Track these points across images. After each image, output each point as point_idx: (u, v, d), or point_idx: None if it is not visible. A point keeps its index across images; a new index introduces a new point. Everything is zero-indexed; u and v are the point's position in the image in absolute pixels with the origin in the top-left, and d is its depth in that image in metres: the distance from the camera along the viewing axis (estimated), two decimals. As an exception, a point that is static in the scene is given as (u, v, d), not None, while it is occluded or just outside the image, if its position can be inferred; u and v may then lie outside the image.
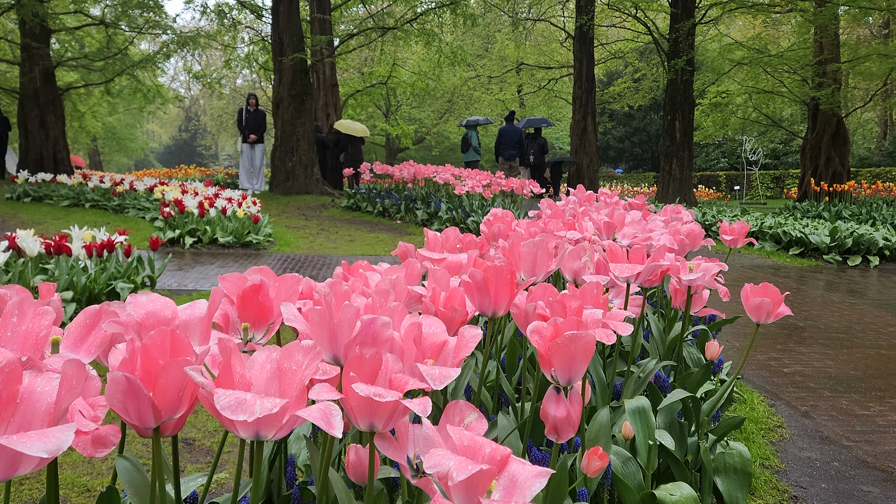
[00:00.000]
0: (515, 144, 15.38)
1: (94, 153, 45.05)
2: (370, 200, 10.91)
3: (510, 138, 15.41)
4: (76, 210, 10.01)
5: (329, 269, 6.10)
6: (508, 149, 15.35)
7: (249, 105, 13.59)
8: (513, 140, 15.41)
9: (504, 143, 15.41)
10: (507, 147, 15.36)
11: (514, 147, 15.35)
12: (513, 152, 15.39)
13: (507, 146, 15.37)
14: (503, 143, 15.45)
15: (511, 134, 15.53)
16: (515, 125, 16.29)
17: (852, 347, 4.03)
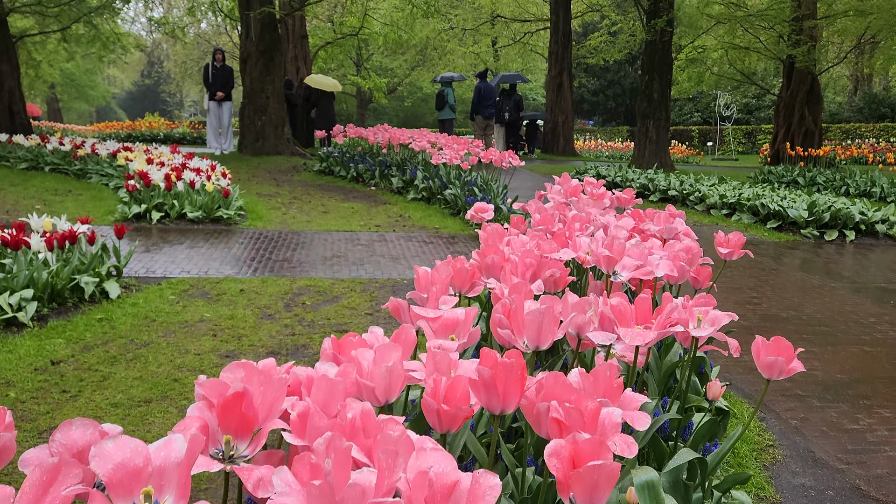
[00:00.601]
0: (492, 103, 15.17)
1: (53, 101, 43.48)
2: (343, 165, 10.65)
3: (488, 96, 15.17)
4: (35, 174, 9.61)
5: (304, 249, 5.91)
6: (487, 107, 15.16)
7: (216, 61, 13.07)
8: (491, 98, 15.22)
9: (482, 102, 15.18)
10: (485, 105, 15.15)
11: (493, 105, 15.16)
12: (492, 111, 15.26)
13: (485, 104, 15.16)
14: (481, 101, 15.20)
15: (489, 92, 15.31)
16: (490, 82, 15.98)
17: (836, 344, 4.00)
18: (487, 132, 15.65)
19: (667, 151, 14.31)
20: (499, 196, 7.31)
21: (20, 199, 7.67)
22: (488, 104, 15.20)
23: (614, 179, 10.62)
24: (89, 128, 25.49)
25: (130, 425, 2.70)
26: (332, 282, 4.89)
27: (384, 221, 7.42)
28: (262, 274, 5.02)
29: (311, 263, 5.40)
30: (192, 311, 4.12)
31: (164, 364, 3.31)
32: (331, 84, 17.47)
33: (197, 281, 4.76)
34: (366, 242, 6.27)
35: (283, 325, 3.96)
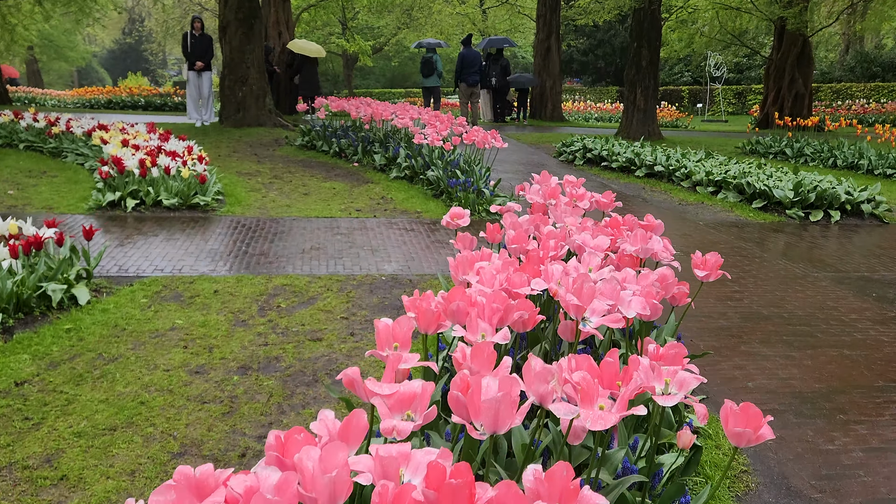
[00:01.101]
0: (477, 69, 15.03)
1: (32, 62, 42.53)
2: (326, 139, 10.46)
3: (472, 63, 15.01)
4: (10, 152, 9.39)
5: (281, 240, 5.80)
6: (471, 74, 15.02)
7: (194, 29, 12.73)
8: (475, 65, 15.06)
9: (466, 69, 15.01)
10: (469, 73, 15.00)
11: (477, 72, 15.02)
12: (475, 78, 15.11)
13: (469, 71, 15.01)
14: (465, 67, 15.01)
15: (473, 58, 15.15)
16: (474, 49, 15.71)
17: (816, 347, 3.97)
18: (473, 99, 15.47)
19: (654, 120, 14.15)
20: (482, 179, 7.20)
21: (-8, 183, 7.50)
22: (472, 71, 15.05)
23: (601, 153, 10.50)
24: (69, 93, 24.98)
25: (93, 458, 2.64)
26: (309, 280, 4.81)
27: (365, 205, 7.30)
28: (238, 271, 4.93)
29: (289, 257, 5.30)
30: (164, 318, 4.04)
31: (131, 383, 3.24)
32: (314, 49, 17.11)
33: (170, 280, 4.66)
34: (345, 231, 6.16)
35: (257, 332, 3.89)
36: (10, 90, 22.17)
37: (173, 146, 7.41)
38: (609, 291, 2.31)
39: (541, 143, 13.50)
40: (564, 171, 10.27)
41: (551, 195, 4.05)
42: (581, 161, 10.77)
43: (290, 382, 3.32)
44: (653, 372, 1.82)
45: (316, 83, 17.53)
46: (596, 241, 2.97)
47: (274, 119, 13.12)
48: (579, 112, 29.16)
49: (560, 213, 3.63)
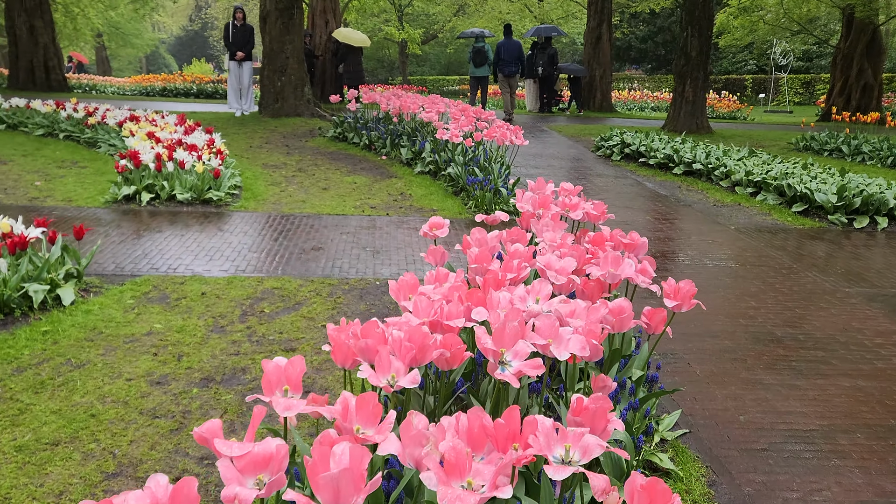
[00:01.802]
0: (516, 60, 14.82)
1: (101, 49, 43.96)
2: (357, 131, 10.37)
3: (510, 53, 14.81)
4: (49, 141, 9.60)
5: (285, 238, 5.71)
6: (509, 65, 14.80)
7: (235, 19, 12.79)
8: (513, 55, 14.83)
9: (504, 59, 14.81)
10: (507, 63, 14.80)
11: (515, 62, 14.79)
12: (513, 68, 14.87)
13: (507, 62, 14.81)
14: (503, 58, 14.83)
15: (511, 48, 14.90)
16: (515, 39, 15.44)
17: (827, 376, 3.64)
18: (512, 89, 15.27)
19: (703, 112, 13.58)
20: (500, 178, 6.96)
21: (24, 174, 7.64)
22: (511, 60, 14.76)
23: (638, 149, 10.10)
24: (128, 80, 25.62)
25: (25, 476, 2.57)
26: (301, 283, 4.70)
27: (382, 201, 7.16)
28: (231, 272, 4.85)
29: (287, 258, 5.20)
30: (144, 321, 3.98)
31: (89, 392, 3.18)
32: (359, 39, 17.07)
33: (162, 280, 4.62)
34: (353, 230, 6.04)
35: (232, 340, 3.80)
36: (72, 77, 22.85)
37: (195, 139, 7.41)
38: (546, 328, 2.10)
39: (582, 136, 13.12)
40: (599, 166, 9.93)
41: (542, 204, 3.82)
42: (618, 156, 10.40)
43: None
44: (556, 434, 1.61)
45: (360, 72, 17.49)
46: (562, 263, 2.75)
47: (312, 109, 13.11)
48: (635, 102, 28.38)
49: (541, 226, 3.40)
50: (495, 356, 1.91)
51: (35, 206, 6.32)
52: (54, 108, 10.04)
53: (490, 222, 3.75)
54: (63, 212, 6.18)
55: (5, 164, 8.14)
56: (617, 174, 9.41)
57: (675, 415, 3.11)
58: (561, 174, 9.13)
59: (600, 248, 3.18)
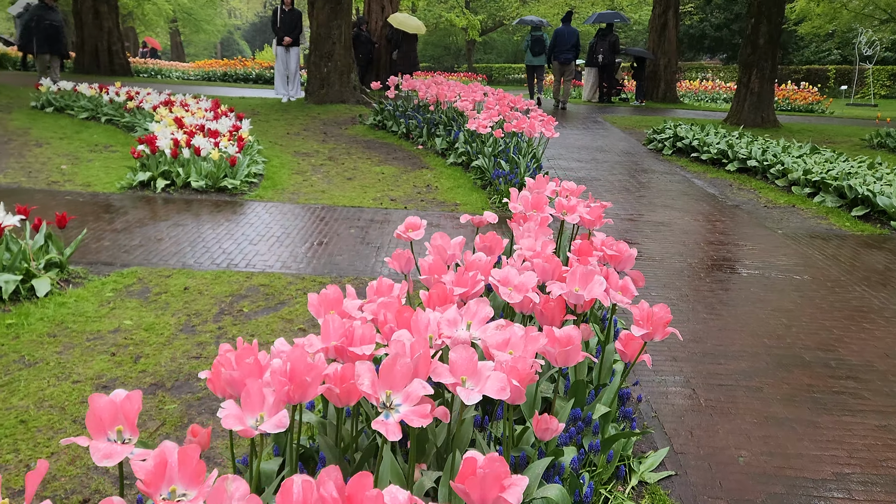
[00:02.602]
0: (572, 47, 14.68)
1: (175, 34, 45.15)
2: (395, 119, 10.10)
3: (566, 40, 14.68)
4: (91, 124, 9.68)
5: (291, 231, 5.48)
6: (564, 52, 14.66)
7: (284, 4, 12.68)
8: (569, 42, 14.69)
9: (560, 46, 14.67)
10: (562, 50, 14.66)
11: (571, 50, 14.66)
12: (569, 56, 14.71)
13: (562, 49, 14.66)
14: (559, 45, 14.69)
15: (568, 36, 14.75)
16: (573, 26, 15.22)
17: (855, 412, 3.15)
18: (566, 77, 15.05)
19: (770, 105, 12.73)
20: (527, 172, 6.56)
21: (54, 157, 7.68)
22: (567, 48, 14.60)
23: (691, 143, 9.48)
24: (192, 65, 26.09)
25: (-72, 489, 2.39)
26: (291, 280, 4.45)
27: (405, 193, 6.87)
28: (222, 266, 4.64)
29: (284, 253, 4.97)
30: (116, 317, 3.80)
31: (30, 395, 3.00)
32: (414, 25, 16.79)
33: (148, 273, 4.45)
34: (363, 224, 5.76)
35: (198, 342, 3.57)
36: (139, 62, 23.39)
37: (221, 125, 7.28)
38: (463, 363, 1.76)
39: (637, 129, 12.50)
40: (648, 160, 9.37)
41: (536, 205, 3.44)
42: (670, 150, 9.80)
43: (196, 408, 2.97)
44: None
45: (414, 59, 17.19)
46: (521, 278, 2.38)
47: (357, 96, 12.91)
48: (706, 92, 27.22)
49: (522, 231, 3.03)
50: (372, 397, 1.58)
51: (51, 190, 6.29)
52: (98, 92, 10.13)
53: (476, 224, 3.40)
54: (76, 197, 6.13)
55: (40, 146, 8.22)
56: (665, 170, 8.84)
57: (662, 452, 2.71)
58: (602, 169, 8.64)
59: (585, 258, 2.79)
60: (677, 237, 5.86)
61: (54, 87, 10.56)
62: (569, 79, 15.10)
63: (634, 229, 6.00)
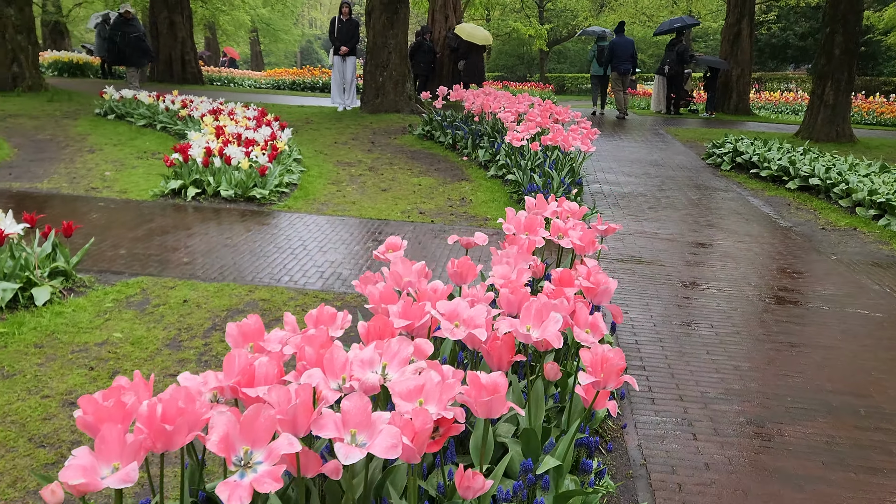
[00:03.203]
0: (629, 57, 14.64)
1: (255, 43, 46.49)
2: (443, 130, 9.96)
3: (623, 51, 14.62)
4: (147, 132, 9.93)
5: (308, 242, 5.38)
6: (623, 62, 14.61)
7: (342, 14, 12.76)
8: (627, 53, 14.62)
9: (618, 57, 14.60)
10: (621, 61, 14.60)
11: (628, 60, 14.63)
12: (627, 66, 14.68)
13: (620, 60, 14.61)
14: (616, 56, 14.62)
15: (624, 47, 14.68)
16: (628, 36, 15.16)
17: (877, 472, 2.76)
18: (625, 87, 14.98)
19: (846, 119, 11.96)
20: (562, 187, 6.27)
21: (102, 163, 7.88)
22: (624, 58, 14.50)
23: (751, 158, 8.95)
24: (263, 74, 26.72)
25: None
26: (293, 295, 4.33)
27: (436, 206, 6.69)
28: (228, 278, 4.57)
29: (292, 266, 4.86)
30: (108, 329, 3.76)
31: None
32: (482, 36, 16.71)
33: (153, 284, 4.41)
34: (383, 238, 5.61)
35: (180, 358, 3.48)
36: (214, 71, 24.10)
37: (259, 135, 7.30)
38: (356, 413, 1.57)
39: (700, 142, 11.95)
40: (703, 176, 8.90)
41: (529, 227, 3.21)
42: (728, 166, 9.29)
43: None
44: None
45: (480, 70, 17.07)
46: (472, 311, 2.16)
47: (412, 105, 12.85)
48: (787, 104, 26.02)
49: (500, 256, 2.81)
50: (229, 458, 1.39)
51: (87, 197, 6.41)
52: (155, 100, 10.39)
53: (465, 245, 3.19)
54: (108, 203, 6.22)
55: (93, 152, 8.45)
56: (720, 186, 8.37)
57: (639, 511, 2.43)
58: (651, 184, 8.24)
59: (563, 290, 2.55)
60: (715, 260, 5.47)
61: (116, 94, 10.90)
62: (625, 89, 15.03)
63: (669, 250, 5.64)
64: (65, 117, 10.78)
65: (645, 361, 3.65)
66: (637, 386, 2.48)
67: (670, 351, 3.80)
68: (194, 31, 38.55)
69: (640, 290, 4.73)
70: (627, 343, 3.86)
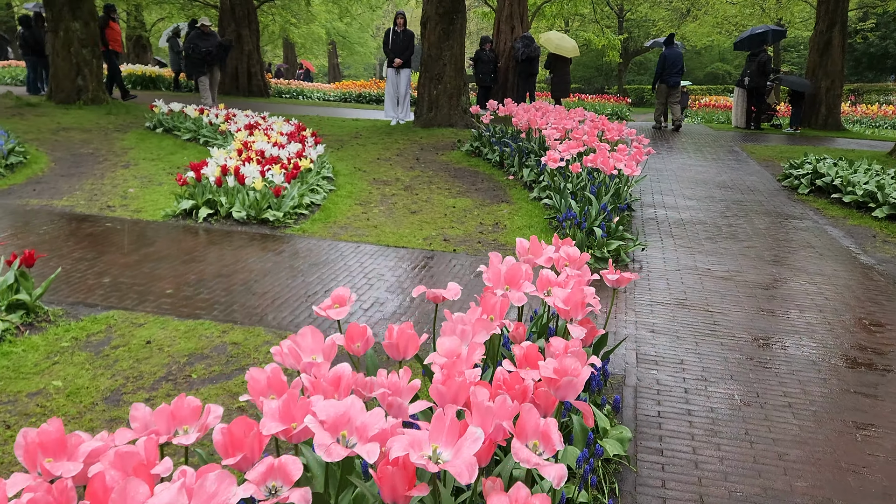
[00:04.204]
0: (679, 70, 14.30)
1: (333, 55, 47.12)
2: (491, 146, 9.38)
3: (674, 63, 14.24)
4: (190, 146, 9.75)
5: (309, 274, 4.89)
6: (673, 75, 14.25)
7: (396, 25, 12.36)
8: (678, 65, 14.27)
9: (668, 69, 14.28)
10: (671, 73, 14.25)
11: (679, 73, 14.31)
12: (677, 78, 14.34)
13: (671, 72, 14.26)
14: (667, 68, 14.29)
15: (676, 58, 14.29)
16: (678, 49, 14.67)
17: None
18: (671, 100, 14.57)
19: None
20: (601, 215, 5.57)
21: (131, 179, 7.67)
22: (674, 71, 14.15)
23: (833, 181, 7.96)
24: (332, 86, 26.79)
25: None
26: (269, 338, 3.83)
27: (464, 232, 6.11)
28: (203, 315, 4.11)
29: (282, 303, 4.37)
30: (49, 375, 3.35)
31: None
32: (570, 48, 16.15)
33: (122, 320, 4.00)
34: (389, 269, 5.06)
35: (111, 418, 3.02)
36: (283, 83, 24.25)
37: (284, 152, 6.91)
38: None
39: (777, 160, 10.90)
40: (776, 201, 7.97)
41: (510, 280, 2.60)
42: (806, 189, 8.31)
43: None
44: None
45: (566, 84, 16.39)
46: (365, 417, 1.58)
47: (467, 120, 12.31)
48: (885, 118, 24.17)
49: (454, 322, 2.22)
50: None
51: (98, 216, 6.13)
52: (199, 114, 10.23)
53: (432, 299, 2.62)
54: (116, 224, 5.92)
55: (127, 167, 8.28)
56: (794, 213, 7.44)
57: None
58: (714, 209, 7.40)
59: (520, 376, 1.93)
60: (775, 306, 4.66)
61: (165, 108, 10.81)
62: (674, 102, 14.66)
63: (722, 292, 4.86)
64: (116, 130, 10.77)
65: (664, 443, 2.95)
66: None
67: (699, 428, 3.08)
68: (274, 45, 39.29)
69: (677, 343, 4.00)
70: (647, 416, 3.17)
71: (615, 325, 4.21)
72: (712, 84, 42.05)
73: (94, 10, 13.67)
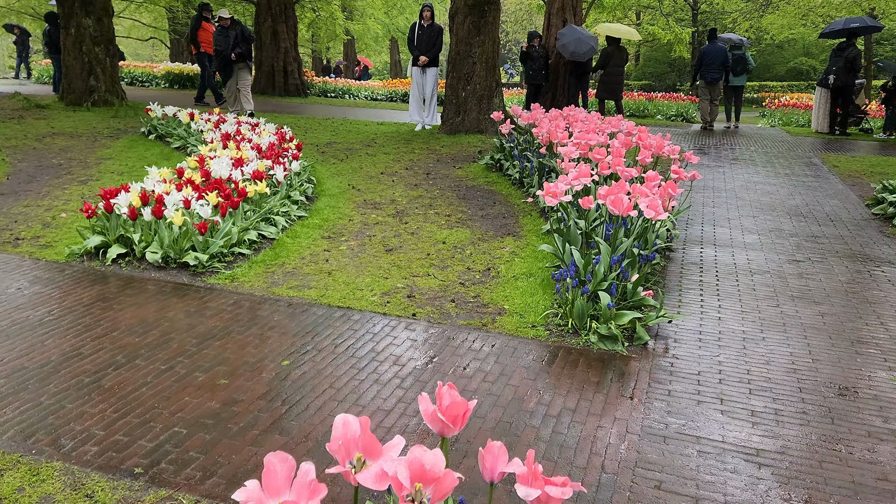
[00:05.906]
0: (720, 66, 13.41)
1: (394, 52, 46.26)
2: (512, 160, 7.93)
3: (714, 59, 13.39)
4: (175, 156, 8.67)
5: (211, 362, 3.59)
6: (712, 71, 13.41)
7: (423, 19, 11.02)
8: (717, 61, 13.39)
9: (707, 65, 13.45)
10: (710, 69, 13.40)
11: (718, 69, 13.41)
12: (716, 76, 13.46)
13: (710, 68, 13.41)
14: (706, 64, 13.47)
15: (715, 54, 13.41)
16: (720, 44, 13.61)
17: None
18: (713, 98, 13.90)
19: None
20: (612, 272, 4.06)
21: (76, 200, 6.59)
22: (714, 68, 13.47)
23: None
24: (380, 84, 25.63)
25: None
26: (59, 486, 2.55)
27: (446, 281, 4.71)
28: (55, 457, 2.86)
29: (129, 414, 3.08)
30: None
31: None
32: (625, 31, 14.63)
33: None
34: (303, 353, 3.71)
35: None
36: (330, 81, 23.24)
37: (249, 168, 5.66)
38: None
39: (867, 176, 9.03)
40: (862, 236, 6.23)
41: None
42: (905, 219, 6.54)
43: None
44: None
45: (620, 82, 14.53)
46: None
47: (497, 125, 10.85)
48: None
49: None
50: None
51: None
52: (190, 119, 9.14)
53: None
54: (3, 266, 4.77)
55: (86, 183, 7.23)
56: (889, 256, 5.72)
57: None
58: (782, 248, 5.75)
59: None
60: (853, 440, 3.08)
61: (160, 112, 9.79)
62: (717, 99, 13.98)
63: (782, 398, 3.30)
64: (108, 136, 9.82)
65: None
66: None
67: None
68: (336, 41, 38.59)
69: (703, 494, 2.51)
70: None
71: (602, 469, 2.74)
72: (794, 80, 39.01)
73: (108, 5, 12.85)
